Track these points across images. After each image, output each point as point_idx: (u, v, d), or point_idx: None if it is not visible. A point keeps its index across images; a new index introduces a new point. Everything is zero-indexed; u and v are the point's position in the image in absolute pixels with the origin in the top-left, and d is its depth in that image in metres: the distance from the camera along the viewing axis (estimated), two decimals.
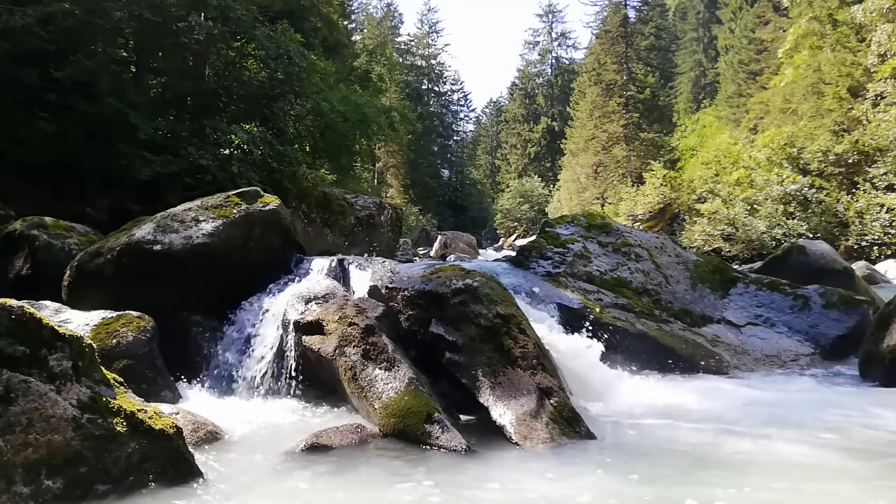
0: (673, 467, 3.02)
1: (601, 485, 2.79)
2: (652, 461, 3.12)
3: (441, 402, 3.68)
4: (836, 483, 2.81)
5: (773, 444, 3.34)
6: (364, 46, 28.23)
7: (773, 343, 5.72)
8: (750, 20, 38.92)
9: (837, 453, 3.19)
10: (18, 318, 2.46)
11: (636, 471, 2.96)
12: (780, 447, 3.31)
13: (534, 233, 24.16)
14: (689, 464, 3.07)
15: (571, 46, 65.57)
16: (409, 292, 4.31)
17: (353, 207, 12.12)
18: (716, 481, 2.81)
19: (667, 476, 2.88)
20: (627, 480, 2.82)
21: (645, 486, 2.74)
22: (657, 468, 3.01)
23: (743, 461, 3.12)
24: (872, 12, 18.61)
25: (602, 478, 2.88)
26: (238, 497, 2.68)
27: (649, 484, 2.77)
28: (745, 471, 2.97)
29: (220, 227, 4.96)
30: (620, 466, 3.04)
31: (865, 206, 16.84)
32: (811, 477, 2.88)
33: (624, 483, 2.78)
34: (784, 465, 3.05)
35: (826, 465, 3.05)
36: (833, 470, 2.99)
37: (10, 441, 2.28)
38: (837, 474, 2.93)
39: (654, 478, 2.86)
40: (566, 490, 2.74)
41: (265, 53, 10.54)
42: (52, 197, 8.40)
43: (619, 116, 36.90)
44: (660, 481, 2.80)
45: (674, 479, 2.84)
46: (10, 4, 7.89)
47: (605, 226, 6.76)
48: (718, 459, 3.15)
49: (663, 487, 2.72)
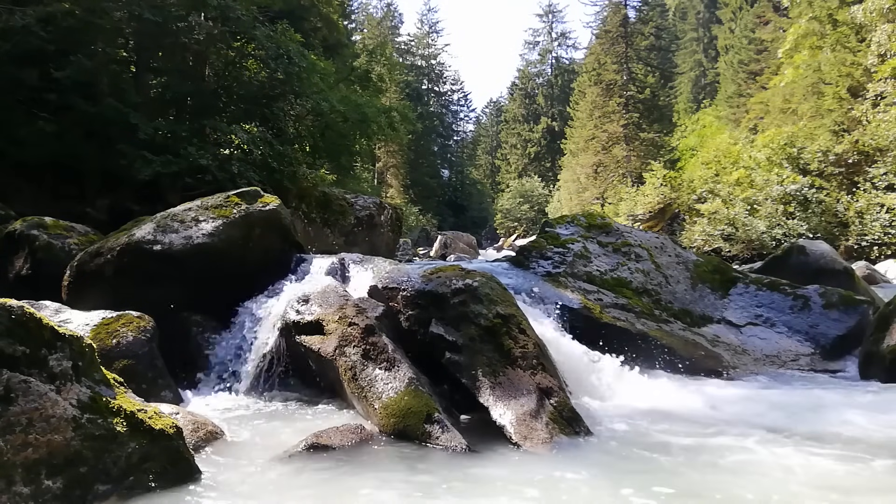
0: (673, 467, 3.02)
1: (601, 485, 2.79)
2: (652, 461, 3.13)
3: (441, 402, 3.68)
4: (836, 483, 2.81)
5: (773, 444, 3.34)
6: (364, 46, 28.25)
7: (773, 343, 5.72)
8: (750, 20, 38.94)
9: (837, 453, 3.19)
10: (18, 318, 2.46)
11: (636, 471, 2.97)
12: (779, 447, 3.31)
13: (534, 233, 24.17)
14: (690, 464, 3.07)
15: (571, 46, 65.71)
16: (409, 292, 4.31)
17: (353, 207, 12.13)
18: (716, 481, 2.82)
19: (667, 476, 2.88)
20: (627, 480, 2.82)
21: (645, 486, 2.74)
22: (657, 468, 3.02)
23: (743, 461, 3.12)
24: (872, 12, 18.61)
25: (602, 478, 2.88)
26: (238, 497, 2.68)
27: (649, 484, 2.77)
28: (745, 471, 2.97)
29: (220, 227, 4.96)
30: (620, 466, 3.05)
31: (865, 206, 16.84)
32: (811, 476, 2.88)
33: (624, 483, 2.78)
34: (784, 464, 3.05)
35: (826, 465, 3.05)
36: (833, 470, 3.00)
37: (10, 441, 2.28)
38: (838, 474, 2.94)
39: (654, 478, 2.86)
40: (566, 490, 2.75)
41: (265, 53, 10.55)
42: (52, 197, 8.41)
43: (619, 116, 36.91)
44: (660, 481, 2.80)
45: (674, 479, 2.84)
46: (10, 4, 7.89)
47: (605, 226, 6.76)
48: (718, 459, 3.15)
49: (663, 487, 2.72)
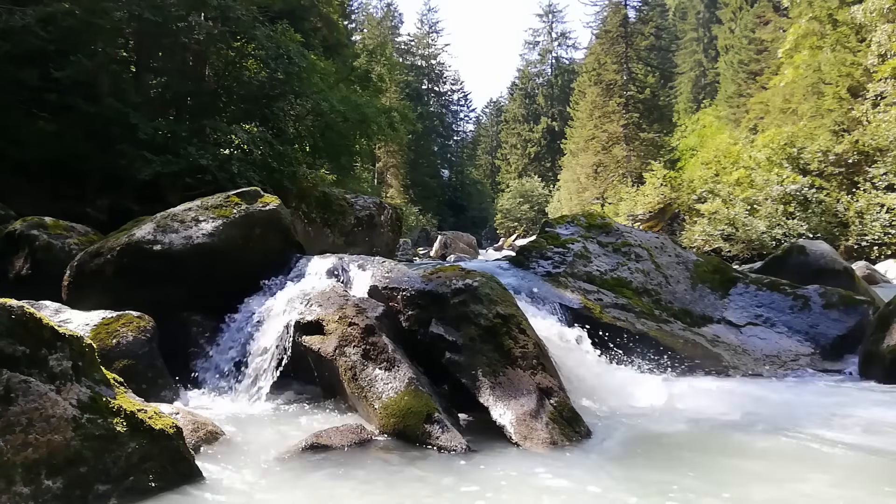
0: (673, 467, 3.02)
1: (601, 484, 2.79)
2: (652, 461, 3.13)
3: (441, 402, 3.68)
4: (836, 482, 2.81)
5: (773, 444, 3.35)
6: (364, 46, 28.25)
7: (773, 343, 5.72)
8: (750, 20, 38.94)
9: (838, 453, 3.19)
10: (18, 318, 2.46)
11: (636, 471, 2.97)
12: (780, 447, 3.31)
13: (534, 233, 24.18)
14: (690, 463, 3.07)
15: (571, 46, 65.80)
16: (409, 292, 4.31)
17: (353, 207, 12.12)
18: (715, 481, 2.82)
19: (667, 476, 2.88)
20: (627, 480, 2.82)
21: (644, 486, 2.74)
22: (657, 468, 3.02)
23: (742, 461, 3.13)
24: (872, 12, 18.63)
25: (602, 477, 2.88)
26: (238, 497, 2.68)
27: (649, 484, 2.77)
28: (744, 470, 2.98)
29: (220, 227, 4.95)
30: (620, 466, 3.05)
31: (865, 206, 16.85)
32: (811, 476, 2.89)
33: (624, 483, 2.79)
34: (784, 464, 3.06)
35: (826, 465, 3.06)
36: (833, 469, 3.00)
37: (10, 441, 2.28)
38: (838, 474, 2.94)
39: (653, 478, 2.86)
40: (566, 490, 2.75)
41: (265, 53, 10.54)
42: (52, 197, 8.39)
43: (619, 116, 36.92)
44: (660, 481, 2.80)
45: (674, 478, 2.84)
46: (10, 4, 7.88)
47: (605, 226, 6.76)
48: (718, 459, 3.16)
49: (663, 487, 2.72)
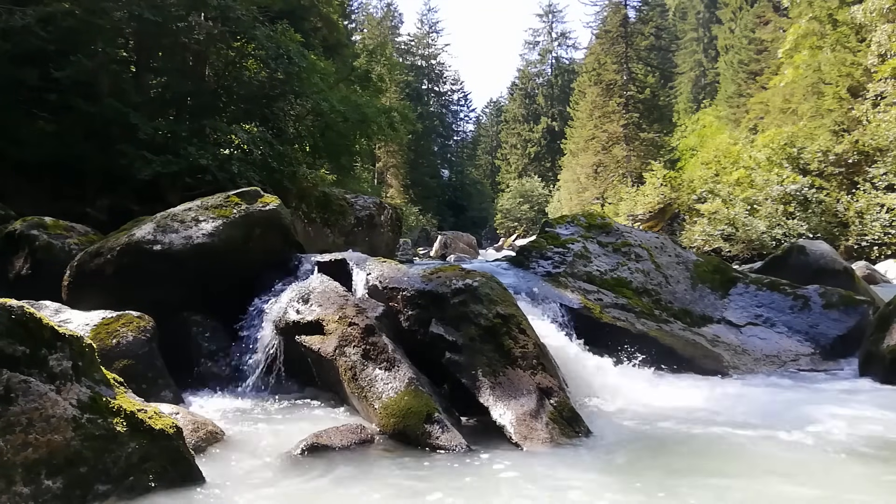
0: (673, 467, 3.02)
1: (601, 484, 2.79)
2: (652, 461, 3.13)
3: (441, 402, 3.68)
4: (836, 482, 2.81)
5: (773, 444, 3.34)
6: (364, 46, 28.19)
7: (773, 343, 5.72)
8: (750, 20, 38.93)
9: (837, 453, 3.19)
10: (18, 318, 2.46)
11: (636, 471, 2.97)
12: (780, 447, 3.31)
13: (534, 233, 24.17)
14: (690, 463, 3.08)
15: (571, 46, 65.70)
16: (409, 292, 4.31)
17: (353, 207, 12.12)
18: (715, 481, 2.82)
19: (667, 476, 2.88)
20: (627, 480, 2.82)
21: (645, 486, 2.74)
22: (658, 468, 3.02)
23: (742, 461, 3.12)
24: (872, 12, 18.62)
25: (602, 477, 2.88)
26: (238, 497, 2.68)
27: (650, 483, 2.77)
28: (744, 470, 2.98)
29: (220, 227, 4.95)
30: (620, 466, 3.05)
31: (865, 206, 16.84)
32: (811, 476, 2.89)
33: (624, 483, 2.79)
34: (784, 464, 3.06)
35: (826, 465, 3.05)
36: (833, 469, 3.00)
37: (10, 441, 2.28)
38: (838, 474, 2.94)
39: (653, 478, 2.86)
40: (566, 490, 2.75)
41: (265, 53, 10.52)
42: (52, 197, 8.38)
43: (619, 116, 36.89)
44: (660, 481, 2.80)
45: (674, 478, 2.84)
46: (10, 4, 7.88)
47: (605, 226, 6.76)
48: (718, 459, 3.16)
49: (663, 487, 2.72)
